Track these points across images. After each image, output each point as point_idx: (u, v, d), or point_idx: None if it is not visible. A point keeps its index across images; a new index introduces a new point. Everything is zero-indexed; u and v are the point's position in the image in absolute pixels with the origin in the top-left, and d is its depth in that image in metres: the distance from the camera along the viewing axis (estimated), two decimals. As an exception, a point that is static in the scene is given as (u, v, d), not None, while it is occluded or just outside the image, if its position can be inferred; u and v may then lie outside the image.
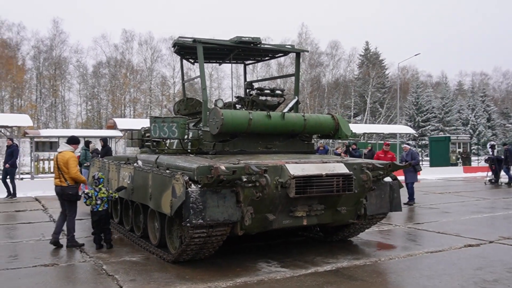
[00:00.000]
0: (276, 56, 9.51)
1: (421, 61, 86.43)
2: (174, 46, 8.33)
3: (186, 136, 7.84)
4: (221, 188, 6.05)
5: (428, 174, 25.56)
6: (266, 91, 8.41)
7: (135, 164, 8.10)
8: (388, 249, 7.75)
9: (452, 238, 8.48)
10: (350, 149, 18.06)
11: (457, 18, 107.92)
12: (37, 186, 16.90)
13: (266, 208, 6.35)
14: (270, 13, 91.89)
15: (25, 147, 26.61)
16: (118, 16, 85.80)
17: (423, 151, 50.04)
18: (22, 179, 21.53)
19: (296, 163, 6.52)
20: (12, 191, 14.90)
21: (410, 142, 50.37)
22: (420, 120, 53.28)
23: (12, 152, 15.12)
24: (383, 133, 32.56)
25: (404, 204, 12.98)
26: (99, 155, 14.29)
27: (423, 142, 50.09)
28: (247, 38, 8.08)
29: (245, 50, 8.81)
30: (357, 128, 32.25)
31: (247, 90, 8.60)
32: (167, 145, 8.39)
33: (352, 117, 55.82)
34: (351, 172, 6.66)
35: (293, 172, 6.24)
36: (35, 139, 22.79)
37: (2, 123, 20.23)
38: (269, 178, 5.97)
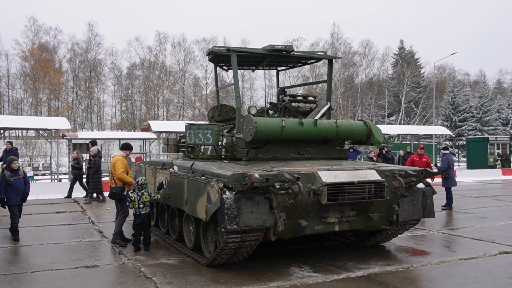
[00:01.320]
0: (309, 62, 9.61)
1: (458, 59, 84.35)
2: (208, 54, 8.56)
3: (220, 143, 8.05)
4: (254, 195, 6.22)
5: (464, 176, 25.07)
6: (298, 98, 8.53)
7: (171, 170, 8.36)
8: (421, 255, 7.74)
9: (487, 244, 8.39)
10: (383, 151, 17.91)
11: (496, 15, 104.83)
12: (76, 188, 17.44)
13: (299, 214, 6.49)
14: (302, 14, 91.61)
15: (62, 148, 27.51)
16: (152, 18, 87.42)
17: (459, 152, 48.94)
18: (60, 180, 22.34)
19: (328, 170, 6.63)
20: None
21: (447, 142, 49.38)
22: (457, 120, 52.08)
23: None
24: (418, 134, 32.03)
25: (442, 207, 12.87)
26: (101, 158, 14.84)
27: (460, 142, 48.97)
28: (280, 46, 8.22)
29: (278, 57, 8.96)
30: (391, 129, 31.95)
31: (280, 96, 8.74)
32: (202, 151, 8.63)
33: (386, 117, 55.10)
34: (383, 179, 6.72)
35: (325, 179, 6.35)
36: (73, 141, 23.55)
37: (42, 126, 21.09)
38: (301, 185, 6.10)
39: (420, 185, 7.55)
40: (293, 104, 8.46)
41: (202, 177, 6.92)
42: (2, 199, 8.80)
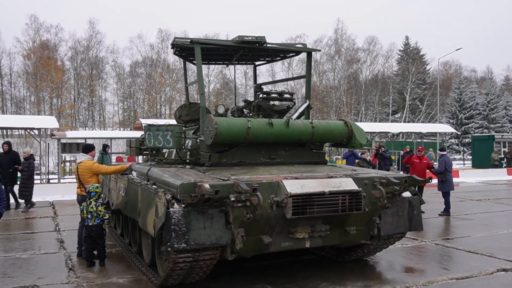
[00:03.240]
0: (288, 56, 8.72)
1: (465, 56, 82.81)
2: (172, 47, 7.69)
3: (183, 145, 7.20)
4: (207, 208, 5.38)
5: (467, 176, 24.06)
6: (273, 95, 7.67)
7: (129, 175, 7.53)
8: (408, 272, 6.86)
9: (484, 259, 7.48)
10: (380, 151, 16.95)
11: (505, 10, 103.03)
12: (60, 190, 16.68)
13: (261, 230, 5.63)
14: (307, 11, 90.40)
15: (52, 148, 26.75)
16: (153, 16, 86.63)
17: (465, 150, 47.80)
18: (49, 180, 21.61)
19: (296, 178, 5.74)
20: None
21: (452, 140, 48.25)
22: (463, 118, 50.91)
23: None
24: (421, 133, 30.99)
25: (440, 214, 11.96)
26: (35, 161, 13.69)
27: (467, 140, 47.78)
28: (250, 38, 7.35)
29: (252, 50, 8.09)
30: (394, 127, 30.95)
31: (257, 94, 7.89)
32: (166, 155, 7.79)
33: (390, 115, 53.98)
34: (360, 189, 5.83)
35: (290, 190, 5.47)
36: (62, 141, 22.82)
37: (30, 125, 20.37)
38: (261, 197, 5.23)
39: (406, 194, 6.66)
40: (268, 102, 7.63)
41: (153, 186, 6.08)
42: None
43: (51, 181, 21.62)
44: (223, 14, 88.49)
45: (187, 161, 7.27)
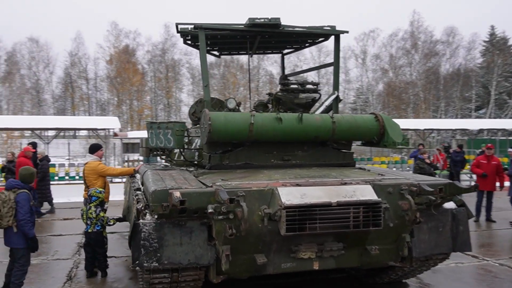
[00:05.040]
0: (316, 41, 7.57)
1: None
2: (181, 36, 6.86)
3: (186, 145, 6.39)
4: (186, 220, 4.48)
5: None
6: (293, 86, 6.63)
7: (134, 178, 6.85)
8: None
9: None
10: (450, 151, 15.02)
11: None
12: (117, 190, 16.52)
13: (252, 248, 4.63)
14: (378, 3, 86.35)
15: (115, 148, 27.25)
16: (225, 18, 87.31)
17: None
18: (111, 181, 21.88)
19: (297, 185, 4.67)
20: None
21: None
22: (559, 113, 45.78)
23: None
24: (505, 130, 27.88)
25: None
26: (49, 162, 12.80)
27: None
28: (262, 20, 6.34)
29: (273, 36, 7.11)
30: (474, 123, 28.16)
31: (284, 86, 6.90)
32: (176, 156, 7.01)
33: (473, 111, 49.83)
34: (379, 199, 4.63)
35: (285, 200, 4.41)
36: (124, 141, 23.08)
37: (93, 125, 20.77)
38: (245, 209, 4.24)
39: (449, 205, 5.32)
40: (288, 94, 6.63)
41: (137, 192, 5.31)
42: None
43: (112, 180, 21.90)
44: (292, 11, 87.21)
45: (195, 162, 6.43)
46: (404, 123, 27.92)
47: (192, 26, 6.31)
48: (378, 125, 6.03)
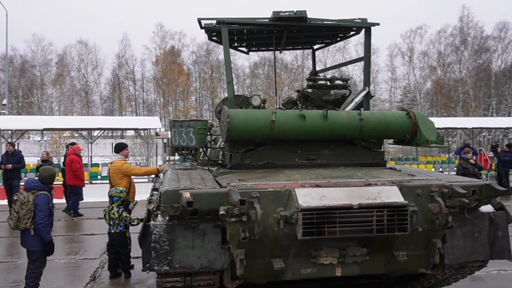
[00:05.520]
0: (348, 35, 7.22)
1: None
2: (206, 31, 6.70)
3: (208, 143, 6.23)
4: (199, 222, 4.31)
5: None
6: (320, 82, 6.33)
7: (158, 178, 6.75)
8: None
9: None
10: (498, 150, 14.15)
11: None
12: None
13: (269, 252, 4.39)
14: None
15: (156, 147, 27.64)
16: (259, 13, 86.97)
17: None
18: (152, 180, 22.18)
19: (316, 186, 4.38)
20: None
21: None
22: None
23: (20, 160, 12.40)
24: None
25: None
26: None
27: None
28: (287, 13, 6.08)
29: (303, 31, 6.86)
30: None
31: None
32: (201, 155, 6.86)
33: (528, 109, 47.38)
34: (405, 202, 4.27)
35: (302, 202, 4.14)
36: (165, 140, 23.35)
37: (135, 125, 21.13)
38: (259, 211, 4.01)
39: (486, 209, 4.89)
40: (316, 91, 6.34)
41: (154, 192, 5.19)
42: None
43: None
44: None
45: (219, 162, 6.25)
46: (452, 122, 26.86)
47: (215, 21, 6.14)
48: (410, 122, 5.64)
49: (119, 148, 7.30)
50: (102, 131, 22.35)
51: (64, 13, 73.40)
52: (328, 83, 6.35)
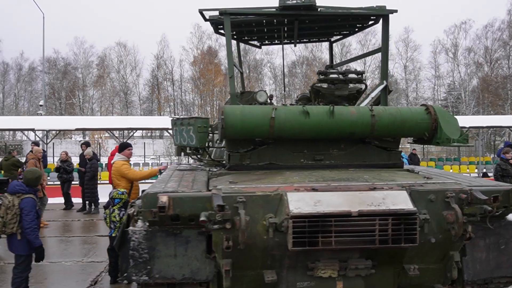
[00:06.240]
0: (366, 25, 6.65)
1: None
2: (211, 24, 6.30)
3: (209, 142, 5.83)
4: (182, 229, 3.91)
5: None
6: (332, 76, 5.81)
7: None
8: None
9: None
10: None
11: None
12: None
13: (259, 263, 3.94)
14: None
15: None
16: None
17: None
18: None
19: (312, 189, 3.89)
20: None
21: None
22: None
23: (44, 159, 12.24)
24: None
25: None
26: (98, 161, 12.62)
27: None
28: (294, 2, 5.60)
29: (316, 22, 6.36)
30: None
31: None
32: (206, 155, 6.47)
33: None
34: (414, 209, 3.72)
35: (293, 207, 3.66)
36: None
37: (159, 125, 21.11)
38: (243, 218, 3.57)
39: (514, 217, 4.26)
40: (329, 85, 5.83)
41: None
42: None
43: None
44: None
45: (223, 162, 5.84)
46: (499, 120, 25.49)
47: (218, 12, 5.73)
48: (430, 119, 5.04)
49: (122, 148, 7.03)
50: (133, 131, 22.42)
51: (103, 16, 75.16)
52: (341, 77, 5.83)
